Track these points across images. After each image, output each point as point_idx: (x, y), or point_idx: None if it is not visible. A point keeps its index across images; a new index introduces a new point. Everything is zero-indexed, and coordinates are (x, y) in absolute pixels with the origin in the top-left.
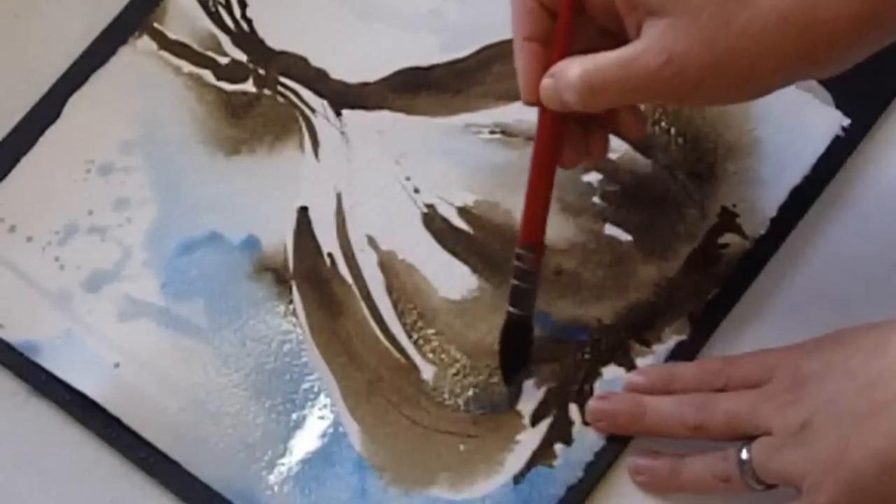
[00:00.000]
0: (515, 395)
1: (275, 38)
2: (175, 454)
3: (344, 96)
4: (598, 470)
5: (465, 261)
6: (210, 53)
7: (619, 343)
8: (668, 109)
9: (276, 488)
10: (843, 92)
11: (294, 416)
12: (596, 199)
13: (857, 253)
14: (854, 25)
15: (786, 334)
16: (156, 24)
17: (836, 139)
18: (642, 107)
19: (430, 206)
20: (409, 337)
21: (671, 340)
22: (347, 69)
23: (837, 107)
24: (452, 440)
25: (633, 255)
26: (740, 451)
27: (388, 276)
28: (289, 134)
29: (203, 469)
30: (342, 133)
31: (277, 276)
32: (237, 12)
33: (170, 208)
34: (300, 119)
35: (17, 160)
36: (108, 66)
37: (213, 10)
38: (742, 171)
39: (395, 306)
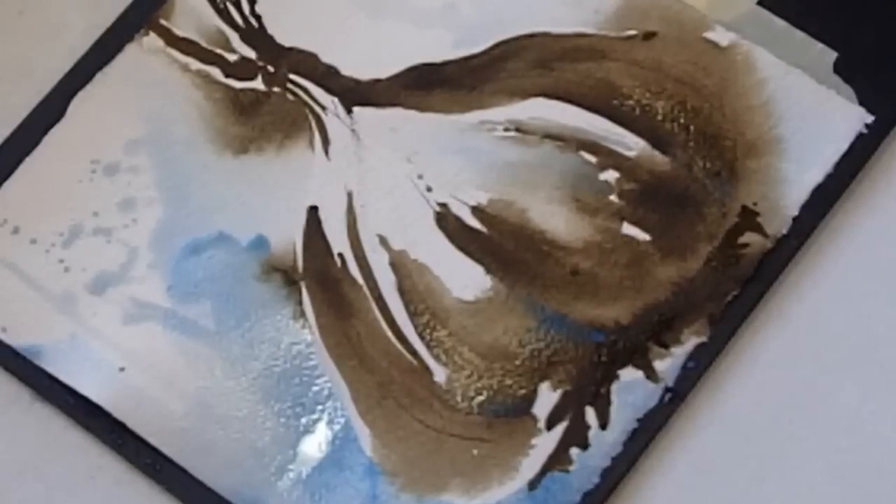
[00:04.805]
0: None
1: (284, 34)
2: (181, 459)
3: (355, 93)
4: (615, 475)
5: (479, 260)
6: (218, 50)
7: (636, 345)
8: (687, 106)
9: (285, 494)
10: (866, 88)
11: (303, 420)
12: (613, 198)
13: (882, 251)
14: None
15: (808, 336)
16: (162, 21)
17: (860, 136)
18: (662, 103)
19: (442, 205)
20: (422, 338)
21: (690, 342)
22: (359, 66)
23: (861, 103)
24: (465, 444)
25: (651, 255)
26: None
27: (400, 276)
28: (298, 132)
29: (210, 475)
30: (353, 131)
31: (286, 276)
32: (246, 8)
33: (176, 209)
34: (310, 117)
35: (21, 160)
36: (113, 64)
37: (222, 6)
38: (763, 169)
39: (406, 307)
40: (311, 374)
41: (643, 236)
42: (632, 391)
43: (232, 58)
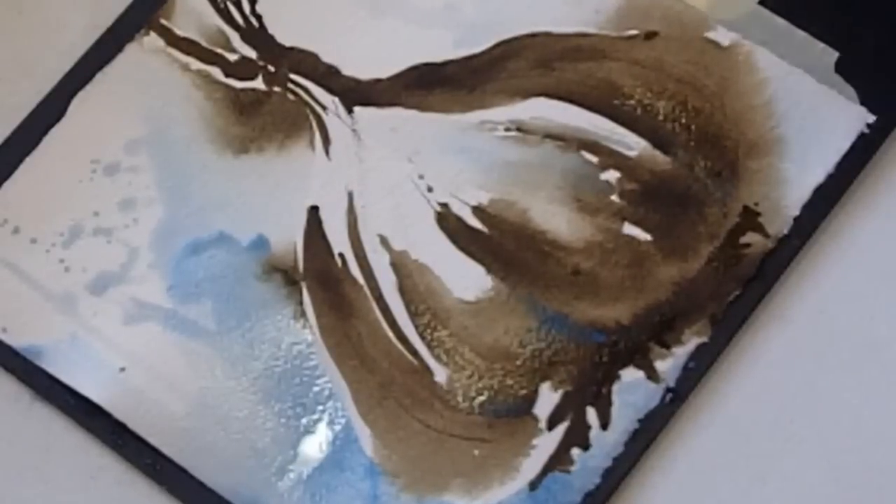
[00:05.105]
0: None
1: (285, 33)
2: (182, 460)
3: (356, 93)
4: (616, 476)
5: (480, 261)
6: (219, 50)
7: (637, 345)
8: (688, 106)
9: (285, 495)
10: (867, 88)
11: (304, 420)
12: (614, 198)
13: (883, 252)
14: None
15: (810, 336)
16: (163, 21)
17: (861, 136)
18: (663, 103)
19: (443, 205)
20: (423, 338)
21: (691, 343)
22: (359, 65)
23: (862, 103)
24: (466, 445)
25: (652, 255)
26: None
27: (401, 276)
28: (299, 132)
29: (210, 475)
30: (354, 131)
31: (287, 277)
32: (246, 8)
33: (177, 208)
34: (311, 117)
35: (21, 160)
36: (113, 64)
37: (222, 5)
38: (764, 169)
39: (407, 307)
40: (311, 375)
41: (644, 236)
42: (633, 391)
43: (232, 57)
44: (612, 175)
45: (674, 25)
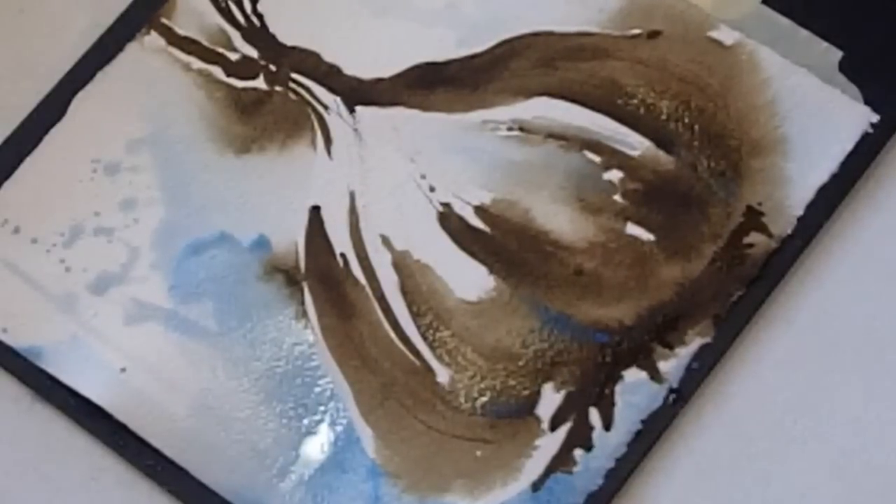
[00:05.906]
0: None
1: (286, 33)
2: (183, 461)
3: (358, 92)
4: (619, 477)
5: (482, 261)
6: (220, 49)
7: (640, 345)
8: (691, 105)
9: (287, 496)
10: (871, 87)
11: (306, 421)
12: (617, 198)
13: (887, 251)
14: None
15: (813, 337)
16: (164, 20)
17: (865, 136)
18: (666, 103)
19: (445, 205)
20: (424, 339)
21: (694, 343)
22: (361, 65)
23: (866, 102)
24: (468, 446)
25: (655, 255)
26: None
27: (403, 276)
28: (301, 131)
29: (212, 476)
30: (355, 130)
31: (288, 277)
32: (248, 7)
33: (178, 208)
34: (312, 116)
35: (22, 160)
36: (114, 63)
37: (223, 4)
38: (768, 168)
39: (409, 307)
40: (313, 375)
41: (647, 236)
42: (636, 392)
43: (234, 57)
44: (614, 175)
45: (677, 24)
